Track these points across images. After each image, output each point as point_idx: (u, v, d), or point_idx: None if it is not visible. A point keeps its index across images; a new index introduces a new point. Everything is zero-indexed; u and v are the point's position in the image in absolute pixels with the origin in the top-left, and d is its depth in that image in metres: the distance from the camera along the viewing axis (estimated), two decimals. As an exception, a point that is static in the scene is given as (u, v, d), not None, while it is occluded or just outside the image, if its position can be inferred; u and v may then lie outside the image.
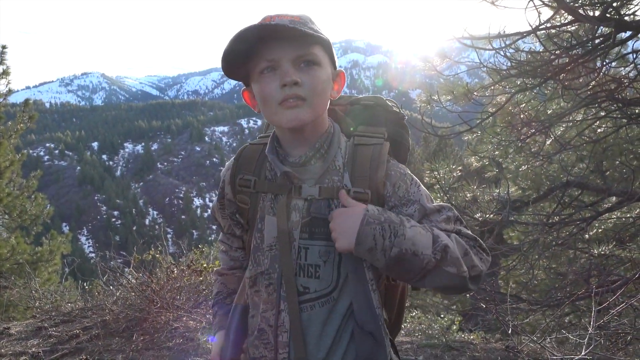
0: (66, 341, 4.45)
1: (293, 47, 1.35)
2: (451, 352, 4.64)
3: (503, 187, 5.76)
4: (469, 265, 1.34)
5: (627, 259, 5.23)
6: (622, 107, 4.42)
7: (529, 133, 5.21)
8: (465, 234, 1.42)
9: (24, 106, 10.06)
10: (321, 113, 1.44)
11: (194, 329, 4.58)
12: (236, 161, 1.62)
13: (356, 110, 1.60)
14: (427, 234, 1.31)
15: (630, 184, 5.05)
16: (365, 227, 1.29)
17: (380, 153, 1.45)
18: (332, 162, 1.47)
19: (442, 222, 1.40)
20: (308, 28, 1.34)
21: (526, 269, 5.81)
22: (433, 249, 1.29)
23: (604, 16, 3.83)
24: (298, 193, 1.45)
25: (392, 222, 1.30)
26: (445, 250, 1.30)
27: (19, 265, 9.08)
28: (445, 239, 1.32)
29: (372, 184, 1.42)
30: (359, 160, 1.44)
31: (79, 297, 7.29)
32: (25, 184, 10.30)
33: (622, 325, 4.25)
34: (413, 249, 1.28)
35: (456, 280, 1.32)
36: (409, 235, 1.29)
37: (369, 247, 1.29)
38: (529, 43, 4.65)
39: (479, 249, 1.41)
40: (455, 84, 5.12)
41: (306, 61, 1.37)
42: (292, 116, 1.37)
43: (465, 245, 1.37)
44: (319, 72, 1.39)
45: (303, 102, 1.37)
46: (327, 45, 1.42)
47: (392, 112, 1.59)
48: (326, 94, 1.43)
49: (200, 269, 5.60)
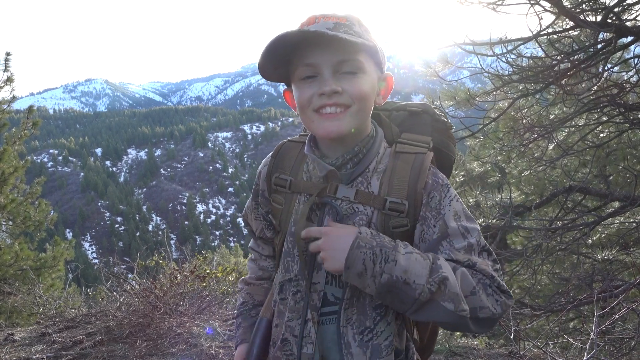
0: (70, 347, 4.46)
1: (335, 53, 1.28)
2: (455, 357, 4.63)
3: (506, 192, 5.76)
4: (476, 305, 1.21)
5: (630, 264, 5.22)
6: (625, 112, 4.42)
7: (531, 138, 5.22)
8: (480, 269, 1.25)
9: (28, 113, 10.08)
10: (364, 121, 1.37)
11: (197, 335, 4.59)
12: (273, 158, 1.54)
13: (402, 117, 1.53)
14: (424, 263, 1.21)
15: (633, 189, 5.05)
16: (356, 250, 1.21)
17: (423, 163, 1.35)
18: (367, 168, 1.39)
19: (461, 249, 1.27)
20: (352, 33, 1.28)
21: (529, 274, 5.81)
22: (428, 279, 1.18)
23: (605, 22, 3.84)
24: (333, 192, 1.37)
25: (384, 247, 1.21)
26: (443, 283, 1.18)
27: (23, 272, 9.09)
28: (447, 271, 1.20)
29: (411, 195, 1.33)
30: (399, 169, 1.36)
31: (83, 303, 7.30)
32: (29, 190, 10.31)
33: (626, 330, 4.24)
34: (404, 277, 1.18)
35: (454, 318, 1.19)
36: (401, 262, 1.19)
37: (358, 271, 1.21)
38: (530, 48, 4.67)
39: (496, 289, 1.24)
40: (458, 89, 5.14)
41: (348, 67, 1.30)
42: (331, 128, 1.31)
43: (474, 282, 1.22)
44: (362, 79, 1.31)
45: (345, 111, 1.31)
46: (373, 51, 1.34)
47: (440, 121, 1.51)
48: (370, 101, 1.35)
49: (204, 274, 5.60)
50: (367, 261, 1.20)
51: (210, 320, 4.92)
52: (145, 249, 8.81)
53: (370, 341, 1.35)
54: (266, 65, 1.34)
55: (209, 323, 4.80)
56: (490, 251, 1.31)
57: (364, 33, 1.32)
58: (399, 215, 1.32)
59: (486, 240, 1.41)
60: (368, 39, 1.31)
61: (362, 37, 1.29)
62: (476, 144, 6.72)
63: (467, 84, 5.25)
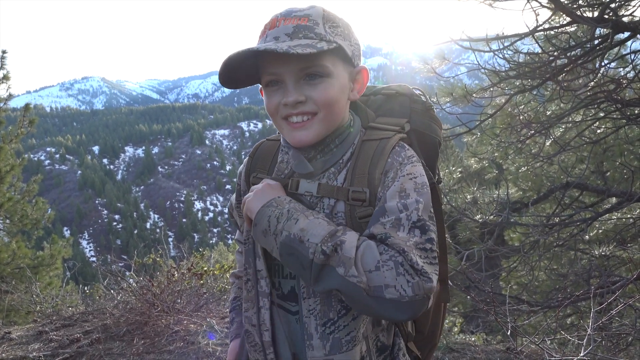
0: (67, 345, 4.45)
1: (296, 62, 1.24)
2: (452, 353, 4.64)
3: (503, 188, 5.77)
4: (380, 283, 1.11)
5: (627, 260, 5.22)
6: (621, 108, 4.42)
7: (528, 134, 5.22)
8: (392, 243, 1.15)
9: (25, 111, 10.06)
10: (334, 124, 1.33)
11: (194, 333, 4.58)
12: (251, 158, 1.53)
13: (379, 101, 1.49)
14: (327, 227, 1.18)
15: (631, 185, 5.05)
16: (266, 208, 1.25)
17: (384, 148, 1.30)
18: (341, 159, 1.35)
19: (387, 223, 1.19)
20: (312, 36, 1.24)
21: (527, 270, 5.82)
22: (323, 240, 1.15)
23: (602, 17, 3.83)
24: (295, 188, 1.34)
25: (295, 209, 1.23)
26: (340, 247, 1.14)
27: (20, 270, 9.08)
28: (349, 239, 1.16)
29: (371, 182, 1.27)
30: (362, 157, 1.32)
31: (80, 301, 7.29)
32: (26, 189, 10.30)
33: (623, 326, 4.25)
34: (300, 235, 1.17)
35: (345, 285, 1.12)
36: (301, 221, 1.19)
37: (263, 228, 1.24)
38: (527, 45, 4.66)
39: (409, 268, 1.12)
40: (455, 85, 5.13)
41: (311, 74, 1.26)
42: (299, 137, 1.30)
43: (379, 257, 1.13)
44: (327, 83, 1.27)
45: (312, 118, 1.29)
46: (339, 51, 1.29)
47: (418, 102, 1.45)
48: (338, 104, 1.31)
49: (201, 272, 5.60)
50: (271, 218, 1.22)
51: (208, 317, 4.92)
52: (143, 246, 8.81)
53: (332, 334, 1.31)
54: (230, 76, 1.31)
55: (206, 321, 4.80)
56: (424, 228, 1.18)
57: (327, 32, 1.27)
58: (362, 204, 1.27)
59: (484, 237, 1.36)
60: (331, 40, 1.26)
61: (324, 38, 1.25)
62: (473, 140, 6.73)
63: (465, 81, 5.25)
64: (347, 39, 1.31)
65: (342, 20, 1.33)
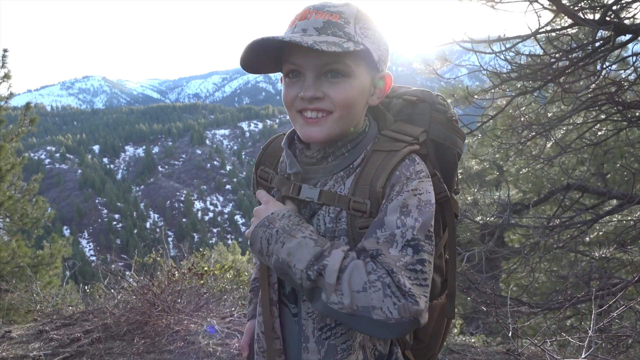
0: (67, 344, 4.45)
1: (319, 56, 1.20)
2: (452, 355, 4.64)
3: (504, 190, 5.76)
4: (367, 304, 1.10)
5: (628, 262, 5.23)
6: (622, 110, 4.42)
7: (529, 136, 5.22)
8: (382, 262, 1.14)
9: (25, 109, 10.05)
10: (349, 126, 1.30)
11: (195, 333, 4.58)
12: (263, 151, 1.52)
13: (399, 106, 1.42)
14: (313, 249, 1.16)
15: (631, 187, 5.05)
16: (259, 228, 1.25)
17: (390, 161, 1.25)
18: (352, 164, 1.31)
19: (381, 237, 1.17)
20: (341, 34, 1.21)
21: (527, 272, 5.82)
22: (307, 265, 1.14)
23: (604, 20, 3.84)
24: (297, 193, 1.32)
25: (283, 230, 1.21)
26: (321, 272, 1.13)
27: (20, 269, 9.08)
28: (332, 260, 1.14)
29: (372, 194, 1.24)
30: (369, 167, 1.27)
31: (80, 300, 7.29)
32: (26, 187, 10.29)
33: (623, 328, 4.25)
34: (287, 260, 1.16)
35: (326, 310, 1.14)
36: (288, 245, 1.17)
37: (258, 249, 1.25)
38: (529, 46, 4.67)
39: (396, 289, 1.10)
40: (456, 87, 5.14)
41: (332, 71, 1.23)
42: (310, 133, 1.27)
43: (367, 278, 1.11)
44: (348, 83, 1.24)
45: (327, 117, 1.26)
46: (364, 53, 1.25)
47: (440, 111, 1.38)
48: (358, 105, 1.28)
49: (201, 272, 5.59)
50: (262, 240, 1.23)
51: (208, 317, 4.92)
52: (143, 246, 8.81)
53: (328, 340, 1.30)
54: (252, 61, 1.29)
55: (207, 321, 4.80)
56: (417, 248, 1.15)
57: (357, 32, 1.23)
58: (363, 215, 1.25)
59: (484, 238, 1.35)
60: (359, 41, 1.22)
61: (352, 39, 1.21)
62: (474, 141, 6.74)
63: (466, 82, 5.24)
64: (376, 42, 1.27)
65: (375, 23, 1.29)
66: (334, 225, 1.28)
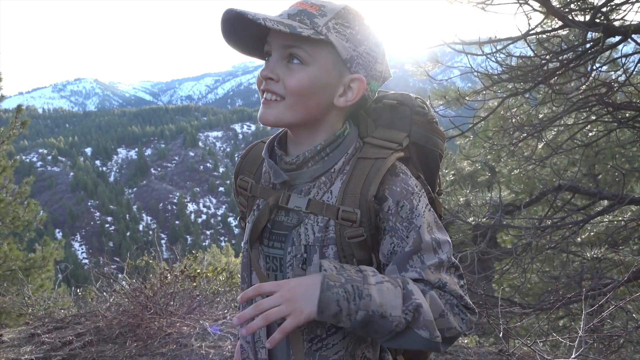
0: (59, 348, 4.43)
1: (284, 37, 1.20)
2: (445, 356, 4.65)
3: (495, 191, 5.79)
4: (445, 327, 1.16)
5: (619, 262, 5.26)
6: (613, 111, 4.46)
7: (520, 137, 5.25)
8: (450, 290, 1.20)
9: (17, 112, 10.01)
10: (308, 118, 1.27)
11: (187, 335, 4.57)
12: (242, 159, 1.48)
13: (379, 110, 1.38)
14: (396, 291, 1.13)
15: (622, 188, 5.09)
16: (327, 292, 1.08)
17: (379, 169, 1.23)
18: (332, 168, 1.28)
19: (432, 267, 1.20)
20: (306, 23, 1.19)
21: (519, 272, 5.84)
22: (403, 309, 1.11)
23: (593, 21, 3.87)
24: (286, 202, 1.29)
25: (354, 282, 1.11)
26: (418, 311, 1.12)
27: (12, 272, 9.04)
28: (419, 297, 1.13)
29: (362, 204, 1.22)
30: (356, 176, 1.25)
31: (72, 303, 7.26)
32: (18, 190, 10.25)
33: (614, 328, 4.27)
34: (381, 311, 1.09)
35: (429, 345, 1.14)
36: (375, 295, 1.10)
37: (333, 313, 1.09)
38: (520, 48, 4.69)
39: (463, 308, 1.20)
40: (448, 88, 5.15)
41: (292, 56, 1.22)
42: (262, 114, 1.26)
43: (442, 305, 1.17)
44: (304, 71, 1.21)
45: (280, 101, 1.24)
46: (330, 47, 1.22)
47: (420, 114, 1.35)
48: (313, 98, 1.24)
49: (194, 274, 5.58)
50: (341, 301, 1.08)
51: (201, 320, 4.91)
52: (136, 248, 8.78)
53: (319, 351, 1.28)
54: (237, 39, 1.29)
55: (199, 323, 4.79)
56: (457, 266, 1.26)
57: (329, 25, 1.20)
58: (352, 225, 1.23)
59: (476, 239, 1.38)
60: (322, 32, 1.19)
61: (315, 28, 1.18)
62: (466, 143, 6.76)
63: (458, 83, 5.26)
64: (352, 41, 1.24)
65: (362, 25, 1.26)
66: (323, 235, 1.25)
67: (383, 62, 1.31)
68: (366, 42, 1.26)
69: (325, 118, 1.30)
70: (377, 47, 1.28)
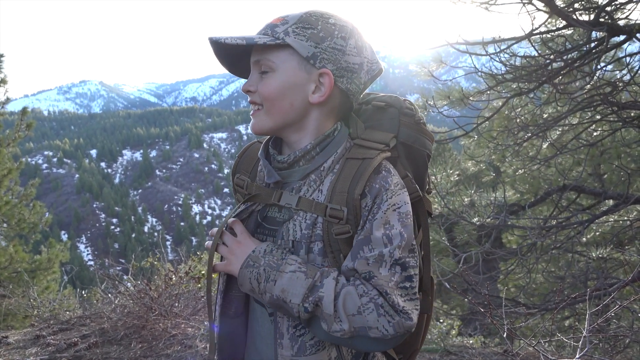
0: (65, 349, 4.44)
1: (255, 52, 1.34)
2: (449, 356, 4.64)
3: (500, 191, 5.78)
4: (364, 325, 1.20)
5: (624, 262, 5.24)
6: (618, 111, 4.44)
7: (525, 137, 5.23)
8: (376, 284, 1.22)
9: (22, 114, 10.04)
10: (287, 120, 1.36)
11: (192, 336, 4.58)
12: (239, 158, 1.57)
13: (368, 112, 1.46)
14: (305, 282, 1.23)
15: (627, 187, 5.07)
16: (245, 269, 1.30)
17: (366, 169, 1.29)
18: (322, 166, 1.36)
19: (370, 259, 1.24)
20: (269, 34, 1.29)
21: (524, 272, 5.82)
22: (304, 298, 1.22)
23: (597, 21, 3.85)
24: (278, 199, 1.37)
25: (269, 267, 1.27)
26: (318, 304, 1.21)
27: (18, 274, 9.07)
28: (326, 290, 1.22)
29: (349, 201, 1.28)
30: (344, 174, 1.31)
31: (78, 305, 7.28)
32: (23, 192, 10.29)
33: (620, 328, 4.26)
34: (282, 297, 1.24)
35: (329, 338, 1.25)
36: (280, 282, 1.24)
37: (249, 289, 1.31)
38: (524, 48, 4.68)
39: (390, 309, 1.20)
40: (452, 89, 5.14)
41: (263, 67, 1.34)
42: (251, 124, 1.40)
43: (360, 302, 1.21)
44: (271, 78, 1.32)
45: (260, 110, 1.36)
46: (296, 47, 1.28)
47: (407, 115, 1.42)
48: (286, 99, 1.33)
49: (199, 276, 5.59)
50: (252, 280, 1.28)
51: (205, 321, 4.92)
52: (141, 250, 8.80)
53: (301, 337, 1.36)
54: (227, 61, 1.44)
55: (203, 324, 4.80)
56: (405, 265, 1.25)
57: (288, 31, 1.28)
58: (339, 222, 1.28)
59: (481, 240, 1.38)
60: (279, 37, 1.28)
61: (274, 35, 1.29)
62: (470, 143, 6.74)
63: (463, 84, 5.25)
64: (315, 40, 1.29)
65: (328, 25, 1.31)
66: (310, 232, 1.32)
67: (358, 54, 1.35)
68: (330, 38, 1.31)
69: (308, 118, 1.38)
70: (344, 40, 1.33)
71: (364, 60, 1.36)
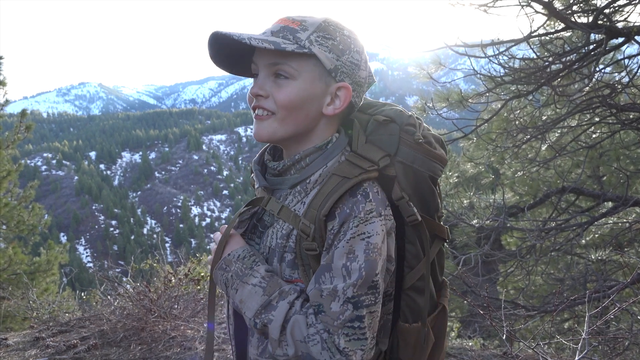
0: (64, 351, 4.44)
1: (269, 55, 1.27)
2: (449, 358, 4.64)
3: (499, 193, 5.78)
4: (308, 351, 1.19)
5: (624, 264, 5.24)
6: (616, 113, 4.45)
7: (524, 139, 5.24)
8: (322, 320, 1.19)
9: (21, 116, 10.03)
10: (299, 130, 1.32)
11: (191, 338, 4.58)
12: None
13: (373, 125, 1.36)
14: (261, 298, 1.24)
15: (626, 189, 5.07)
16: (217, 270, 1.35)
17: (339, 189, 1.22)
18: (309, 179, 1.32)
19: (325, 290, 1.20)
20: (289, 38, 1.25)
21: (523, 274, 5.83)
22: (255, 314, 1.24)
23: (596, 23, 3.86)
24: (266, 203, 1.36)
25: (236, 274, 1.30)
26: (267, 325, 1.23)
27: (17, 276, 9.07)
28: (277, 314, 1.22)
29: (316, 220, 1.24)
30: (322, 191, 1.26)
31: (77, 307, 7.28)
32: (22, 194, 10.29)
33: (619, 330, 4.26)
34: (240, 306, 1.29)
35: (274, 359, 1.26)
36: (241, 292, 1.28)
37: (222, 288, 1.36)
38: (522, 50, 4.69)
39: (332, 346, 1.17)
40: (451, 91, 5.15)
41: (280, 72, 1.27)
42: (255, 130, 1.33)
43: (306, 332, 1.19)
44: (292, 86, 1.27)
45: (270, 116, 1.30)
46: (315, 59, 1.26)
47: (408, 133, 1.31)
48: (302, 110, 1.29)
49: (198, 277, 5.59)
50: (221, 283, 1.35)
51: (204, 323, 4.91)
52: (140, 252, 8.81)
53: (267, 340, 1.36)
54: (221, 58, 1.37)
55: (203, 326, 4.80)
56: (357, 305, 1.18)
57: (311, 39, 1.25)
58: (307, 238, 1.25)
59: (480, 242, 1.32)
60: (305, 46, 1.24)
61: (298, 42, 1.24)
62: (470, 145, 6.75)
63: (462, 86, 5.27)
64: (336, 52, 1.28)
65: (345, 37, 1.30)
66: (284, 241, 1.31)
67: (365, 68, 1.36)
68: (348, 51, 1.30)
69: (315, 129, 1.36)
70: (359, 54, 1.33)
71: (368, 73, 1.37)
